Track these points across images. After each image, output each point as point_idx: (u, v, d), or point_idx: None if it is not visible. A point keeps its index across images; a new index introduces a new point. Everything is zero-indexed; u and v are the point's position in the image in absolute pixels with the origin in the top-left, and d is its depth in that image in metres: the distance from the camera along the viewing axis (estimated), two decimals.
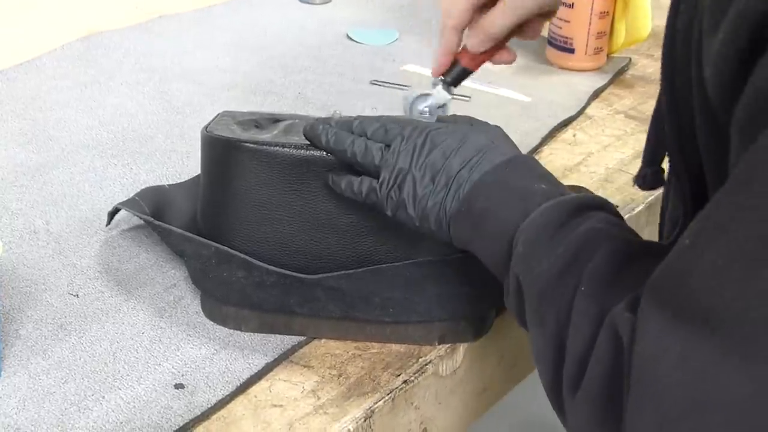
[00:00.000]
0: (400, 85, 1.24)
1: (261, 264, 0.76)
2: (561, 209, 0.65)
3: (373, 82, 1.25)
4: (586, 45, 1.29)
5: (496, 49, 0.86)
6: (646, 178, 0.72)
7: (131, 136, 1.09)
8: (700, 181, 0.65)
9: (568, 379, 0.59)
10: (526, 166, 0.72)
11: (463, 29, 0.85)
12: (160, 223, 0.82)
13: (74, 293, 0.83)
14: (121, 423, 0.70)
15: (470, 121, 0.78)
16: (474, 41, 0.85)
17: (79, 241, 0.90)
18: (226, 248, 0.77)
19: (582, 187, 0.95)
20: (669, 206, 0.73)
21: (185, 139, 1.09)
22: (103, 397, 0.73)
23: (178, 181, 0.99)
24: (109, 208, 0.93)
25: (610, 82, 1.29)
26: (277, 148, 0.76)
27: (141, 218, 0.85)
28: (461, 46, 0.87)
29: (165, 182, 1.00)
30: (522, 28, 0.87)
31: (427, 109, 0.85)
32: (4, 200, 0.96)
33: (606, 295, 0.59)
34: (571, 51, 1.30)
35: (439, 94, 0.86)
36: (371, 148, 0.74)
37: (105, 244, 0.90)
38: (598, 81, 1.28)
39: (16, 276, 0.85)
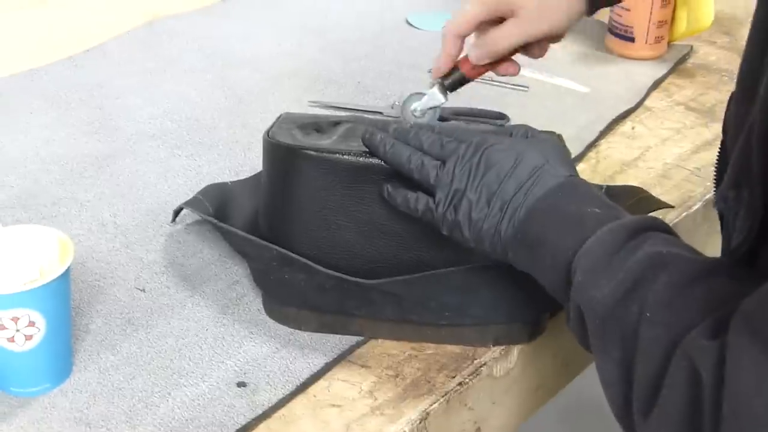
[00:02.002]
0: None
1: (321, 269, 0.78)
2: (617, 234, 0.66)
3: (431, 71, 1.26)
4: (647, 34, 1.28)
5: (500, 62, 0.88)
6: (728, 201, 0.70)
7: (194, 126, 1.12)
8: None
9: (639, 405, 0.60)
10: (579, 189, 0.72)
11: (464, 37, 0.87)
12: (223, 224, 0.84)
13: (141, 288, 0.86)
14: (187, 420, 0.73)
15: (526, 132, 0.79)
16: (476, 53, 0.87)
17: (145, 235, 0.93)
18: (287, 252, 0.79)
19: (639, 187, 0.96)
20: (737, 217, 0.71)
21: (247, 129, 1.11)
22: (169, 394, 0.76)
23: (240, 174, 1.02)
24: (173, 201, 0.96)
25: (671, 72, 1.28)
26: (337, 155, 0.78)
27: (205, 219, 0.87)
28: (464, 54, 0.88)
29: (227, 174, 1.02)
30: (528, 46, 0.88)
31: (419, 109, 0.87)
32: (74, 191, 0.99)
33: (672, 320, 0.60)
34: (632, 40, 1.29)
35: (434, 96, 0.88)
36: (427, 166, 0.75)
37: (170, 238, 0.93)
38: (658, 71, 1.27)
39: (86, 269, 0.88)
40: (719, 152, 0.87)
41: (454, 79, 0.89)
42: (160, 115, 1.13)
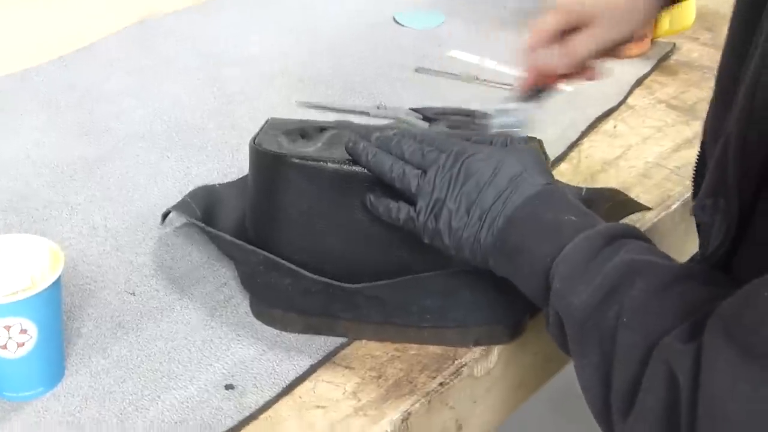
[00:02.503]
0: (446, 72, 1.27)
1: (307, 274, 0.80)
2: (593, 241, 0.68)
3: (419, 70, 1.28)
4: None
5: (580, 69, 0.90)
6: (705, 209, 0.71)
7: (184, 127, 1.13)
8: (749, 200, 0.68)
9: (618, 408, 0.62)
10: (556, 197, 0.74)
11: (544, 48, 0.89)
12: (211, 229, 0.86)
13: (131, 291, 0.88)
14: (176, 423, 0.75)
15: (506, 141, 0.81)
16: (559, 62, 0.88)
17: (135, 238, 0.95)
18: (273, 257, 0.81)
19: (617, 190, 0.98)
20: (714, 225, 0.72)
21: (236, 130, 1.13)
22: (159, 397, 0.78)
23: (229, 176, 1.04)
24: (163, 203, 0.98)
25: (653, 69, 1.30)
26: (321, 163, 0.80)
27: (192, 222, 0.89)
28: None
29: (216, 176, 1.04)
30: (610, 48, 0.90)
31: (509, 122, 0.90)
32: (65, 194, 1.01)
33: (648, 324, 0.62)
34: None
35: (521, 109, 0.91)
36: (408, 175, 0.77)
37: (159, 241, 0.95)
38: (641, 68, 1.29)
39: (77, 273, 0.90)
40: (698, 155, 0.89)
41: (539, 90, 0.91)
42: (150, 116, 1.15)
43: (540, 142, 0.89)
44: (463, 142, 0.79)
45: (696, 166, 0.89)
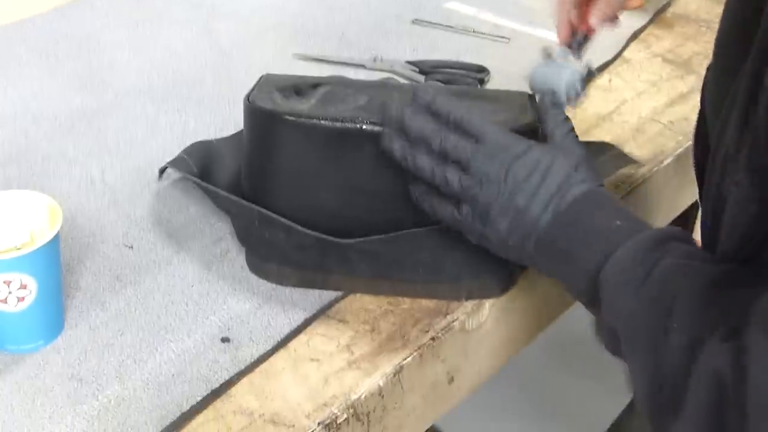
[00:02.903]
0: (442, 24, 1.27)
1: (300, 229, 0.81)
2: (639, 247, 0.69)
3: (415, 21, 1.28)
4: None
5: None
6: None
7: (180, 80, 1.14)
8: None
9: (669, 410, 0.63)
10: (602, 201, 0.75)
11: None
12: (207, 185, 0.87)
13: (129, 245, 0.90)
14: (173, 375, 0.77)
15: (553, 133, 0.80)
16: (603, 13, 0.89)
17: (133, 192, 0.96)
18: (268, 212, 0.82)
19: (609, 144, 0.99)
20: (732, 209, 0.70)
21: (232, 83, 1.13)
22: (156, 350, 0.79)
23: (225, 130, 1.05)
24: (160, 157, 0.99)
25: (650, 22, 1.30)
26: (315, 120, 0.81)
27: (189, 179, 0.90)
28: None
29: (212, 130, 1.05)
30: None
31: (572, 86, 0.88)
32: (64, 147, 1.02)
33: (696, 327, 0.63)
34: None
35: (573, 65, 0.89)
36: (452, 181, 0.76)
37: (157, 196, 0.96)
38: (638, 21, 1.29)
39: (76, 226, 0.91)
40: (697, 122, 0.89)
41: (579, 41, 0.91)
42: (148, 68, 1.16)
43: (532, 97, 0.90)
44: (505, 135, 0.77)
45: (696, 133, 0.89)
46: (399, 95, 0.88)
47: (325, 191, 0.83)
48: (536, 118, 0.83)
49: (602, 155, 0.94)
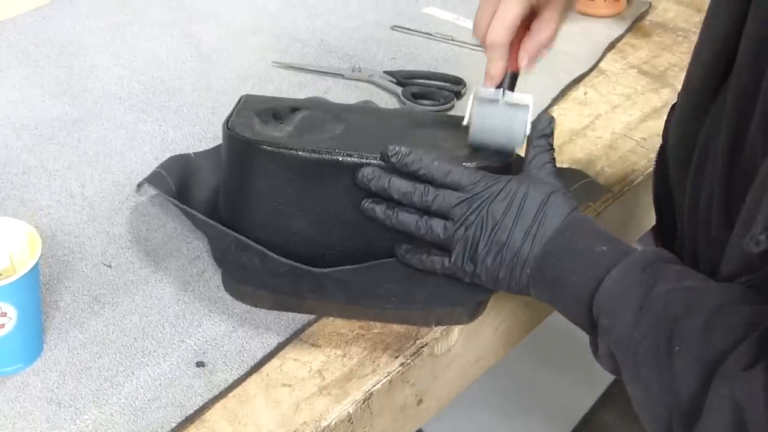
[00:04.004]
0: (421, 32, 1.28)
1: (275, 256, 0.83)
2: (629, 272, 0.72)
3: (394, 28, 1.29)
4: None
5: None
6: (761, 243, 0.67)
7: (160, 88, 1.15)
8: None
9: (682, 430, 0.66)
10: (583, 226, 0.78)
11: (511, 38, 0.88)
12: (185, 207, 0.89)
13: (107, 263, 0.92)
14: (149, 401, 0.79)
15: (518, 167, 0.83)
16: (530, 55, 0.87)
17: (112, 207, 0.98)
18: (243, 238, 0.84)
19: (582, 172, 1.00)
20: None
21: (211, 92, 1.14)
22: (133, 373, 0.81)
23: (204, 141, 1.06)
24: (139, 170, 1.01)
25: (628, 30, 1.32)
26: (292, 151, 0.82)
27: (167, 200, 0.92)
28: None
29: (191, 141, 1.07)
30: None
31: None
32: (44, 159, 1.03)
33: (702, 351, 0.66)
34: None
35: (522, 101, 0.88)
36: (436, 228, 0.79)
37: (135, 211, 0.97)
38: (615, 29, 1.31)
39: (55, 243, 0.93)
40: (658, 155, 0.91)
41: (510, 80, 0.89)
42: (128, 75, 1.17)
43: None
44: (481, 178, 0.79)
45: (656, 163, 0.92)
46: (376, 122, 0.90)
47: (301, 219, 0.85)
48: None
49: (575, 183, 0.96)
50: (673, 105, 0.89)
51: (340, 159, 0.82)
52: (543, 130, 0.83)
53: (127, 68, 1.18)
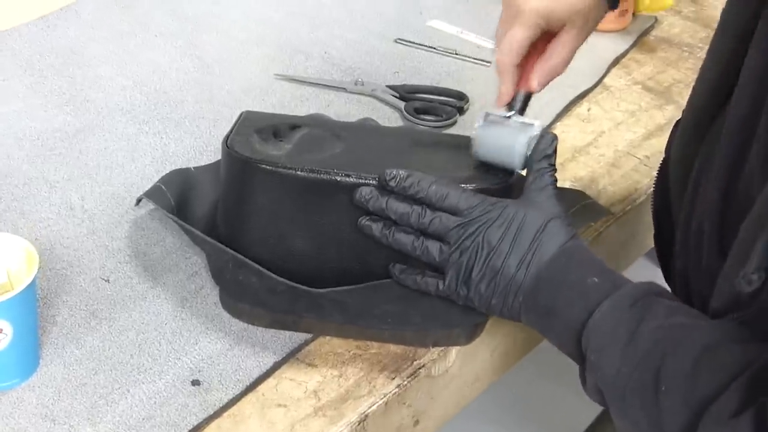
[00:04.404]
0: (425, 45, 1.27)
1: (272, 276, 0.83)
2: (618, 306, 0.72)
3: (398, 41, 1.28)
4: None
5: None
6: (753, 282, 0.66)
7: (163, 99, 1.15)
8: None
9: None
10: (577, 256, 0.77)
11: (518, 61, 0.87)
12: (183, 223, 0.89)
13: (105, 278, 0.91)
14: (143, 419, 0.79)
15: (520, 187, 0.82)
16: (542, 77, 0.87)
17: (111, 220, 0.97)
18: (241, 257, 0.84)
19: (583, 192, 1.00)
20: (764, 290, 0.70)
21: (213, 104, 1.14)
22: (128, 391, 0.81)
23: (205, 154, 1.06)
24: (140, 183, 1.01)
25: (633, 45, 1.31)
26: (291, 170, 0.82)
27: (166, 215, 0.92)
28: None
29: (192, 154, 1.07)
30: None
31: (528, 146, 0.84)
32: (44, 170, 1.03)
33: (689, 391, 0.65)
34: None
35: (528, 123, 0.86)
36: (432, 251, 0.79)
37: (134, 225, 0.97)
38: (621, 44, 1.30)
39: (54, 257, 0.93)
40: (660, 169, 0.91)
41: (522, 101, 0.88)
42: (131, 86, 1.17)
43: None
44: (479, 203, 0.79)
45: (657, 180, 0.91)
46: (376, 141, 0.90)
47: (298, 238, 0.84)
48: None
49: (575, 204, 0.96)
50: (678, 120, 0.89)
51: (339, 179, 0.82)
52: (545, 150, 0.82)
53: (130, 79, 1.18)
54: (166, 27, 1.28)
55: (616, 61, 1.28)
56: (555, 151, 0.83)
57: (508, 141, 0.84)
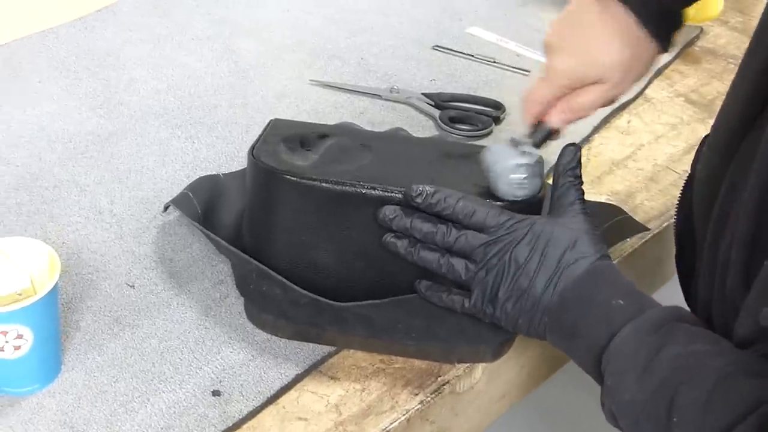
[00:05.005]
0: (463, 53, 1.26)
1: (296, 288, 0.82)
2: (639, 331, 0.70)
3: (436, 48, 1.27)
4: None
5: None
6: None
7: (196, 104, 1.14)
8: None
9: None
10: (604, 277, 0.75)
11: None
12: (208, 233, 0.88)
13: (131, 284, 0.91)
14: (162, 429, 0.78)
15: (545, 205, 0.81)
16: (562, 118, 0.84)
17: (139, 225, 0.97)
18: (264, 268, 0.83)
19: (618, 207, 0.97)
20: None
21: (247, 108, 1.14)
22: (148, 400, 0.81)
23: (236, 160, 1.05)
24: (169, 188, 1.01)
25: (677, 56, 1.28)
26: (315, 182, 0.81)
27: (191, 224, 0.91)
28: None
29: (223, 160, 1.06)
30: None
31: (531, 180, 0.82)
32: (75, 173, 1.03)
33: (701, 424, 0.63)
34: None
35: (536, 158, 0.83)
36: (457, 268, 0.78)
37: (162, 230, 0.97)
38: (664, 55, 1.27)
39: (81, 261, 0.93)
40: (684, 187, 0.88)
41: (542, 134, 0.85)
42: (165, 90, 1.16)
43: (541, 160, 0.89)
44: (506, 220, 0.77)
45: (681, 196, 0.88)
46: (405, 152, 0.88)
47: (322, 250, 0.83)
48: (540, 184, 0.83)
49: (610, 219, 0.94)
50: (706, 135, 0.86)
51: (364, 191, 0.81)
52: (569, 163, 0.80)
53: (165, 82, 1.17)
54: (203, 31, 1.27)
55: (658, 72, 1.25)
56: (579, 163, 0.81)
57: (490, 165, 0.82)
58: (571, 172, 0.80)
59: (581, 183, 0.81)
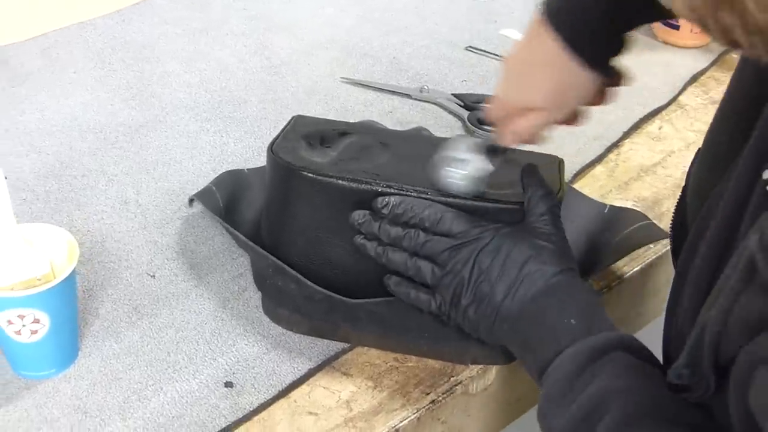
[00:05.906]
0: (495, 54, 1.25)
1: (310, 284, 0.82)
2: (577, 358, 0.70)
3: (469, 48, 1.26)
4: None
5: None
6: (683, 377, 0.63)
7: (227, 98, 1.15)
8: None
9: None
10: (561, 294, 0.75)
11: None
12: (227, 226, 0.89)
13: (152, 273, 0.92)
14: (173, 417, 0.79)
15: (530, 212, 0.80)
16: (507, 139, 0.83)
17: (163, 216, 0.98)
18: (280, 263, 0.83)
19: (641, 213, 0.96)
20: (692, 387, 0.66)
21: (277, 105, 1.14)
22: (161, 389, 0.81)
23: (263, 155, 1.05)
24: (196, 181, 1.02)
25: (713, 63, 1.26)
26: (331, 179, 0.81)
27: (212, 216, 0.92)
28: None
29: (251, 154, 1.07)
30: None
31: (462, 178, 0.81)
32: (104, 163, 1.05)
33: None
34: (676, 27, 1.27)
35: (478, 163, 0.82)
36: (424, 271, 0.79)
37: (185, 222, 0.98)
38: (700, 62, 1.26)
39: (104, 250, 0.94)
40: (678, 204, 0.86)
41: (498, 147, 0.84)
42: (197, 83, 1.17)
43: (561, 162, 0.89)
44: (471, 227, 0.78)
45: (675, 213, 0.86)
46: (423, 151, 0.88)
47: (337, 247, 0.83)
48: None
49: (632, 224, 0.93)
50: (697, 151, 0.84)
51: (380, 190, 0.81)
52: (532, 176, 0.81)
53: (197, 76, 1.19)
54: (238, 26, 1.28)
55: (693, 79, 1.23)
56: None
57: (438, 150, 0.83)
58: (537, 184, 0.80)
59: (550, 194, 0.80)
